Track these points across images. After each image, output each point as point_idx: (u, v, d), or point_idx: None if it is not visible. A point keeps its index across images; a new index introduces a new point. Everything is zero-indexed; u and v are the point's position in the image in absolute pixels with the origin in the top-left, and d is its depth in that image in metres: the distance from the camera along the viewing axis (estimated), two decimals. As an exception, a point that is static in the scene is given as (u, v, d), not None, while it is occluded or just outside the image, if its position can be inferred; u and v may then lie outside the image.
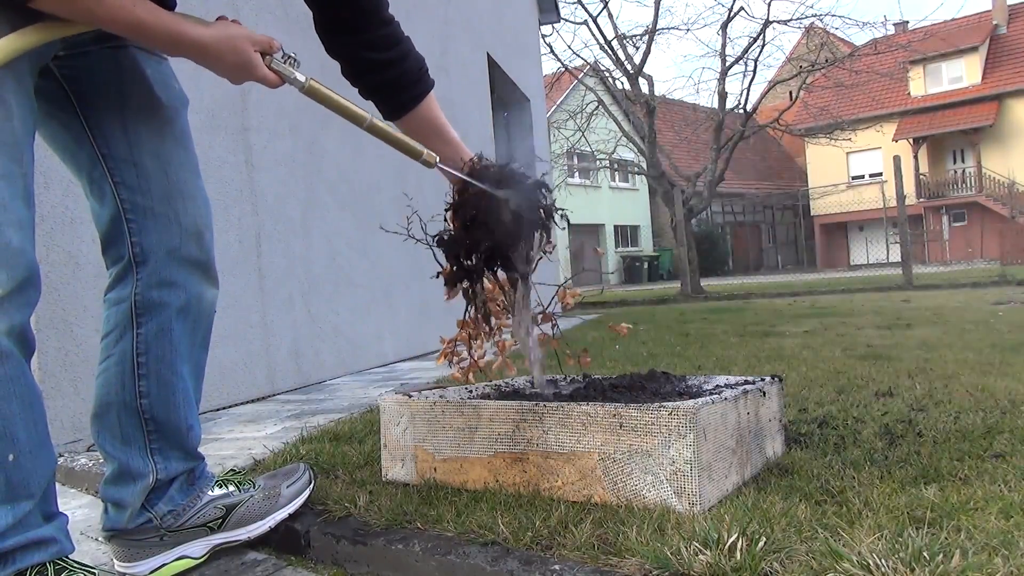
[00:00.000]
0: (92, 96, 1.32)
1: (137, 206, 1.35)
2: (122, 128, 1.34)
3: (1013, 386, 2.44)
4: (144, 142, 1.35)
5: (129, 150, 1.34)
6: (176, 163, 1.39)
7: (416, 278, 5.01)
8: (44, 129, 1.35)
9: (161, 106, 1.38)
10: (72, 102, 1.31)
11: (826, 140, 17.36)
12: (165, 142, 1.38)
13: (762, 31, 14.03)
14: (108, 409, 1.37)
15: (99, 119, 1.33)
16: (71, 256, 2.47)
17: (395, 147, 1.46)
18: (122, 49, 1.33)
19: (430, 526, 1.39)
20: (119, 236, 1.36)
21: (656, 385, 1.79)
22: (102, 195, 1.35)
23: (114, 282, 1.39)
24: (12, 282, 1.10)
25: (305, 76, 1.31)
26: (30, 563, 1.12)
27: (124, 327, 1.36)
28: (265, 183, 3.54)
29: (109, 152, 1.33)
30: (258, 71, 1.26)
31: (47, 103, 1.29)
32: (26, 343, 1.15)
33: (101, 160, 1.34)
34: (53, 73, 1.28)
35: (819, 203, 29.96)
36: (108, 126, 1.33)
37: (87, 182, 1.37)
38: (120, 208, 1.34)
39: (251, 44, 1.24)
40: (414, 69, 1.48)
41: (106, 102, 1.32)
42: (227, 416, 2.92)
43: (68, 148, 1.35)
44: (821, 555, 1.10)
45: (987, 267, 15.91)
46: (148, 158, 1.35)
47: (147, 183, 1.35)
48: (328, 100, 1.35)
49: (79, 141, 1.33)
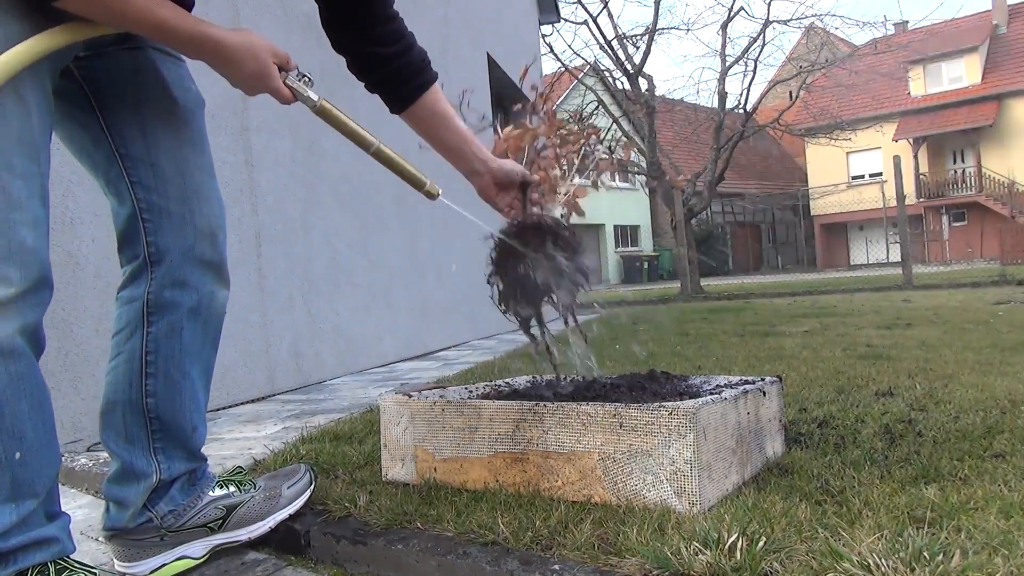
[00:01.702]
0: (111, 97, 1.33)
1: (153, 206, 1.36)
2: (140, 128, 1.35)
3: (1013, 386, 2.44)
4: (161, 143, 1.36)
5: (147, 150, 1.35)
6: (192, 164, 1.40)
7: (416, 278, 5.02)
8: (62, 129, 1.36)
9: (178, 107, 1.39)
10: (91, 102, 1.32)
11: (826, 140, 17.39)
12: (182, 143, 1.39)
13: (762, 31, 14.06)
14: (114, 407, 1.37)
15: (117, 119, 1.34)
16: (71, 256, 2.47)
17: (400, 175, 1.48)
18: (140, 50, 1.34)
19: (430, 526, 1.39)
20: (135, 235, 1.37)
21: (656, 385, 1.79)
22: (119, 194, 1.36)
23: (128, 280, 1.39)
24: (26, 281, 1.10)
25: (318, 96, 1.32)
26: (32, 563, 1.12)
27: (135, 325, 1.37)
28: (265, 183, 3.54)
29: (127, 152, 1.34)
30: (274, 82, 1.27)
31: (66, 103, 1.30)
32: (38, 342, 1.15)
33: (119, 160, 1.34)
34: (73, 74, 1.29)
35: (819, 203, 29.97)
36: (126, 126, 1.34)
37: (104, 181, 1.38)
38: (136, 207, 1.35)
39: (271, 56, 1.25)
40: (416, 61, 1.49)
41: (124, 103, 1.33)
42: (227, 416, 2.92)
43: (85, 148, 1.36)
44: (821, 555, 1.10)
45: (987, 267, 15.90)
46: (165, 158, 1.36)
47: (163, 183, 1.36)
48: (338, 122, 1.36)
49: (97, 141, 1.34)
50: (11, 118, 1.09)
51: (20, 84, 1.11)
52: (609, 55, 14.25)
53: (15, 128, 1.10)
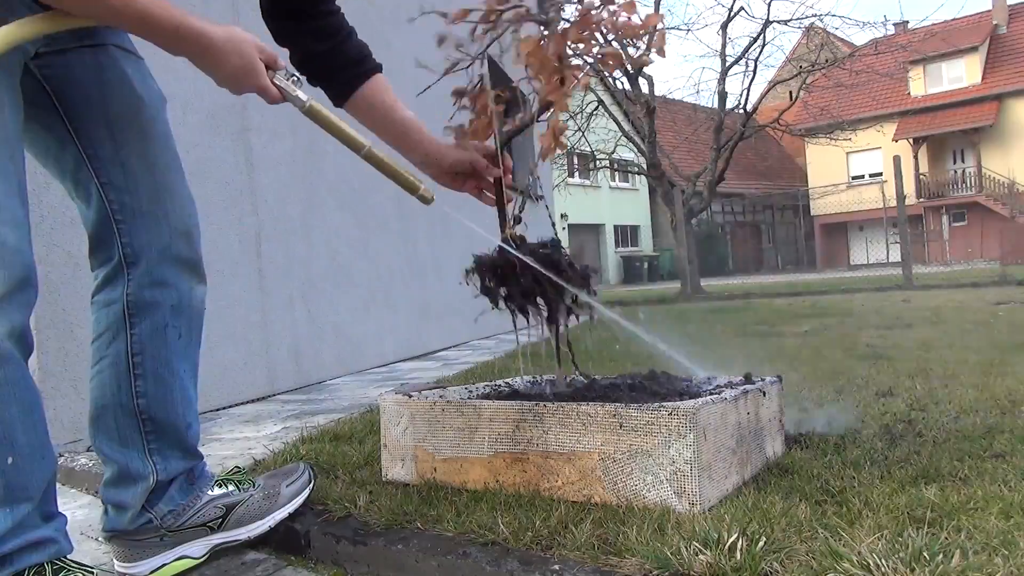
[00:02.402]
0: (74, 96, 1.29)
1: (125, 206, 1.33)
2: (107, 128, 1.31)
3: (1013, 386, 2.44)
4: (130, 142, 1.33)
5: (115, 150, 1.31)
6: (161, 162, 1.37)
7: (416, 278, 5.01)
8: (24, 132, 1.28)
9: (143, 105, 1.35)
10: (54, 103, 1.28)
11: (826, 140, 17.39)
12: (149, 141, 1.35)
13: (762, 31, 14.05)
14: (104, 412, 1.36)
15: (83, 120, 1.30)
16: (71, 256, 2.47)
17: (391, 178, 1.46)
18: (101, 47, 1.30)
19: (430, 526, 1.38)
20: (108, 237, 1.34)
21: (656, 385, 1.79)
22: (88, 197, 1.33)
23: (102, 284, 1.37)
24: (10, 281, 1.09)
25: (307, 96, 1.30)
26: (27, 564, 1.12)
27: (117, 328, 1.35)
28: (265, 183, 3.54)
29: (95, 153, 1.31)
30: (261, 79, 1.23)
31: (28, 105, 1.23)
32: (25, 344, 1.14)
33: (87, 161, 1.31)
34: (33, 73, 1.24)
35: (819, 203, 29.95)
36: (92, 127, 1.30)
37: (72, 184, 1.34)
38: (108, 209, 1.32)
39: (258, 52, 1.23)
40: (353, 51, 1.48)
41: (89, 102, 1.29)
42: (227, 416, 2.91)
43: (51, 151, 1.32)
44: (821, 555, 1.10)
45: (987, 267, 15.90)
46: (134, 158, 1.33)
47: (134, 183, 1.33)
48: (328, 123, 1.35)
49: (63, 143, 1.30)
50: None
51: None
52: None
53: None
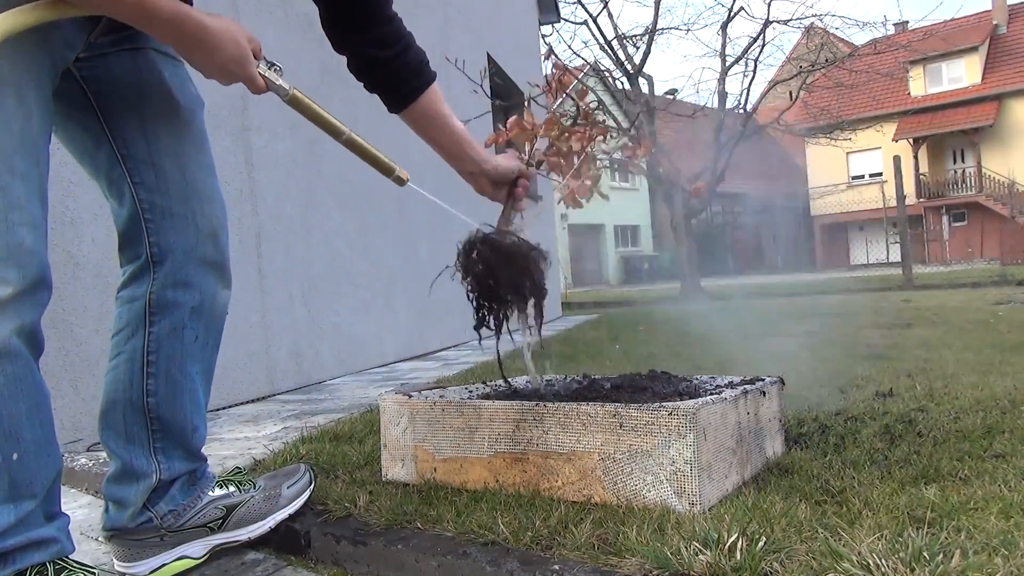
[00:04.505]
0: (111, 98, 1.32)
1: (155, 206, 1.36)
2: (141, 129, 1.34)
3: (1013, 386, 2.44)
4: (163, 143, 1.36)
5: (148, 151, 1.35)
6: (194, 164, 1.40)
7: (416, 278, 5.01)
8: (63, 132, 1.35)
9: (179, 108, 1.39)
10: (92, 104, 1.32)
11: (826, 140, 17.36)
12: (183, 143, 1.39)
13: (762, 31, 14.03)
14: (114, 407, 1.37)
15: (118, 120, 1.33)
16: (71, 256, 2.47)
17: (370, 163, 1.47)
18: (141, 51, 1.34)
19: (430, 526, 1.39)
20: (137, 235, 1.37)
21: (656, 385, 1.79)
22: (121, 195, 1.36)
23: (128, 280, 1.39)
24: (24, 282, 1.10)
25: (289, 85, 1.31)
26: (30, 563, 1.12)
27: (136, 325, 1.37)
28: (265, 183, 3.54)
29: (128, 153, 1.34)
30: (251, 68, 1.24)
31: (67, 105, 1.30)
32: (36, 343, 1.15)
33: (120, 161, 1.34)
34: (73, 75, 1.29)
35: (819, 203, 29.95)
36: (127, 127, 1.34)
37: (106, 183, 1.37)
38: (139, 208, 1.35)
39: (248, 41, 1.24)
40: (414, 63, 1.49)
41: (125, 103, 1.33)
42: (227, 416, 2.92)
43: (87, 150, 1.36)
44: (821, 555, 1.10)
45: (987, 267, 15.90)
46: (167, 159, 1.36)
47: (165, 184, 1.36)
48: (309, 111, 1.35)
49: (98, 142, 1.34)
50: (12, 119, 1.09)
51: (21, 84, 1.10)
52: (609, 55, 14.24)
53: (16, 129, 1.10)
